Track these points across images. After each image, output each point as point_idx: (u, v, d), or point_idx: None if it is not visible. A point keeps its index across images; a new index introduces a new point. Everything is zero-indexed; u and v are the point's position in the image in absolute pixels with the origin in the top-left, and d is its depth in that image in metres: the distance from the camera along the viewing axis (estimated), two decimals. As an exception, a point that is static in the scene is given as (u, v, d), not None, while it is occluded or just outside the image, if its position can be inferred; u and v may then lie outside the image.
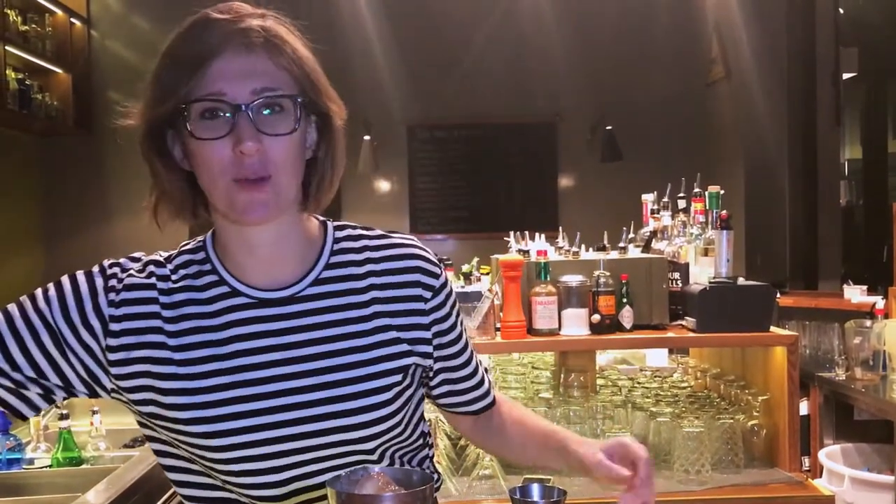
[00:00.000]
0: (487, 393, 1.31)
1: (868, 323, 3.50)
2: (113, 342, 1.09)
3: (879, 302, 3.76)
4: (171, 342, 1.09)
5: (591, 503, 2.15)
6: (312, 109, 1.08)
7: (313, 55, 1.10)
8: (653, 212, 2.85)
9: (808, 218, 5.62)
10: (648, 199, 2.90)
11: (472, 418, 1.32)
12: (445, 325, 1.20)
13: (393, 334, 1.14)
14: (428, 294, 1.17)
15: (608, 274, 2.53)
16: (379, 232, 1.20)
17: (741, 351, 2.70)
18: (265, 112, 1.02)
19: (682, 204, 2.72)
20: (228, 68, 1.01)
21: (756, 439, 2.52)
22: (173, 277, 1.13)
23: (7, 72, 4.80)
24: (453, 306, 1.22)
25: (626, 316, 2.52)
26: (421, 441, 1.24)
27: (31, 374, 1.08)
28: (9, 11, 4.87)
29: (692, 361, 3.02)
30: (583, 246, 2.76)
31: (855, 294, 4.10)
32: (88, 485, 2.33)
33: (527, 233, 2.89)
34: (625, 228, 2.83)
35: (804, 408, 3.51)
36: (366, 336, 1.12)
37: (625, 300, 2.53)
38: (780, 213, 5.66)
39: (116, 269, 1.12)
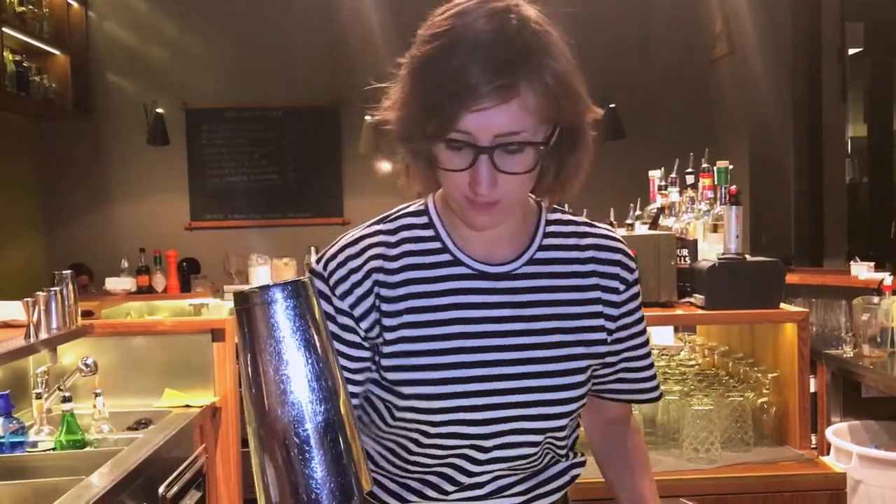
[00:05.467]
0: (656, 388, 1.37)
1: (876, 300, 3.47)
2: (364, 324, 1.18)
3: (887, 278, 3.72)
4: (390, 308, 1.16)
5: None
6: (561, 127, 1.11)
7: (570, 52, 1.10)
8: (660, 188, 2.81)
9: (813, 195, 5.58)
10: (656, 175, 2.86)
11: (608, 421, 1.38)
12: (631, 319, 1.27)
13: (600, 322, 1.23)
14: (622, 287, 1.25)
15: (616, 251, 2.49)
16: (585, 220, 1.29)
17: (750, 328, 2.67)
18: (505, 153, 1.06)
19: (689, 180, 2.69)
20: (481, 110, 1.03)
21: (766, 417, 2.50)
22: (392, 241, 1.19)
23: (4, 54, 4.76)
24: (640, 303, 1.29)
25: (635, 293, 2.50)
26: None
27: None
28: (5, -8, 4.82)
29: (699, 339, 2.99)
30: (589, 223, 2.72)
31: (862, 271, 4.06)
32: (92, 467, 2.33)
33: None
34: (632, 205, 2.80)
35: (811, 385, 3.49)
36: (574, 319, 1.21)
37: (633, 277, 2.50)
38: (785, 190, 5.62)
39: (332, 266, 1.18)
